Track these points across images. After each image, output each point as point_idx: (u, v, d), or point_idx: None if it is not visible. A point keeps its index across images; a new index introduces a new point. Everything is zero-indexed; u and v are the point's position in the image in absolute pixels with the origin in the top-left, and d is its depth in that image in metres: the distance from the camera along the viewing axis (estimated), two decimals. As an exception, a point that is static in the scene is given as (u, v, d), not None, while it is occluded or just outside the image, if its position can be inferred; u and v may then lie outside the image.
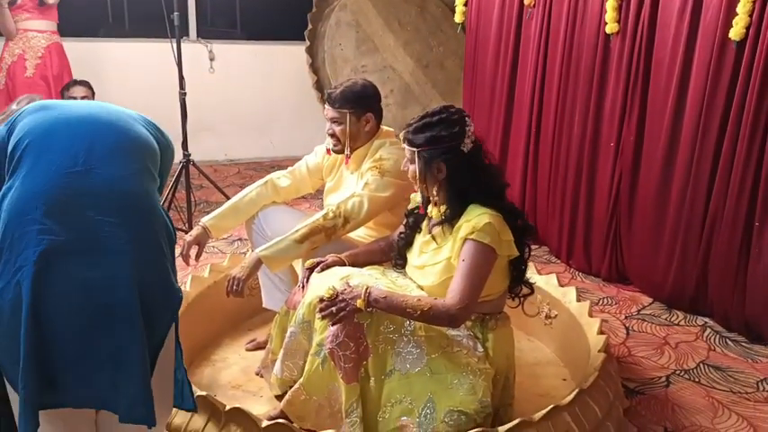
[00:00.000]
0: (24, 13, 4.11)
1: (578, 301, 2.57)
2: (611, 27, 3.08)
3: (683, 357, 2.65)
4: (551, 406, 1.82)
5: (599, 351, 2.14)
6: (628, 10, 3.03)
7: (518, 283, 2.03)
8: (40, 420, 1.24)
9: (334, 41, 5.49)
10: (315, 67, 5.52)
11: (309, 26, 5.47)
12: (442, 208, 1.96)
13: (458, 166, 1.91)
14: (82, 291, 1.24)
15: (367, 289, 1.81)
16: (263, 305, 2.53)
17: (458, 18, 4.15)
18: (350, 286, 1.85)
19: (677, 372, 2.54)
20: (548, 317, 2.65)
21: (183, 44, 4.33)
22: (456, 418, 1.79)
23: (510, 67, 3.77)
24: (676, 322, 2.95)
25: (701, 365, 2.59)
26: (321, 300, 1.84)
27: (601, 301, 3.15)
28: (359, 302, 1.79)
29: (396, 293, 1.83)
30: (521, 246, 1.97)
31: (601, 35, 3.17)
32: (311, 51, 5.52)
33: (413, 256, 2.05)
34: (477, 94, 4.07)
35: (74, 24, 4.71)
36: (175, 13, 3.46)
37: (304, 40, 5.47)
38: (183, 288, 2.49)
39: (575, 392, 1.89)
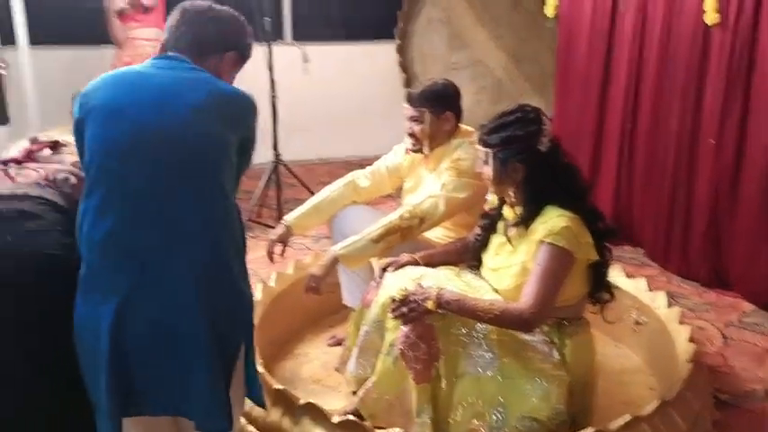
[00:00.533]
0: (132, 23, 4.38)
1: (669, 306, 2.45)
2: (711, 17, 2.90)
3: (786, 370, 2.46)
4: (631, 416, 1.75)
5: (687, 360, 2.03)
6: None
7: (599, 289, 1.96)
8: (123, 426, 1.37)
9: (424, 38, 5.50)
10: (405, 65, 5.55)
11: (400, 24, 5.50)
12: (518, 209, 1.93)
13: (536, 166, 1.87)
14: (152, 326, 1.35)
15: (439, 290, 1.81)
16: (343, 302, 2.58)
17: (549, 11, 4.03)
18: (422, 287, 1.86)
19: (779, 385, 2.37)
20: (636, 323, 2.54)
21: (278, 47, 4.48)
22: (528, 424, 1.77)
23: (603, 61, 3.63)
24: (782, 332, 2.75)
25: (807, 380, 2.40)
26: (393, 300, 1.86)
27: (698, 308, 2.98)
28: (430, 304, 1.79)
29: (467, 296, 1.82)
30: (601, 249, 1.91)
31: (700, 26, 2.99)
32: (402, 49, 5.54)
33: (488, 258, 2.02)
34: (569, 89, 3.95)
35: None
36: (266, 19, 3.59)
37: (394, 38, 5.51)
38: (267, 284, 2.60)
39: (656, 403, 1.81)
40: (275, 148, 3.87)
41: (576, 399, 1.94)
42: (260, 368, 1.97)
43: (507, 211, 1.97)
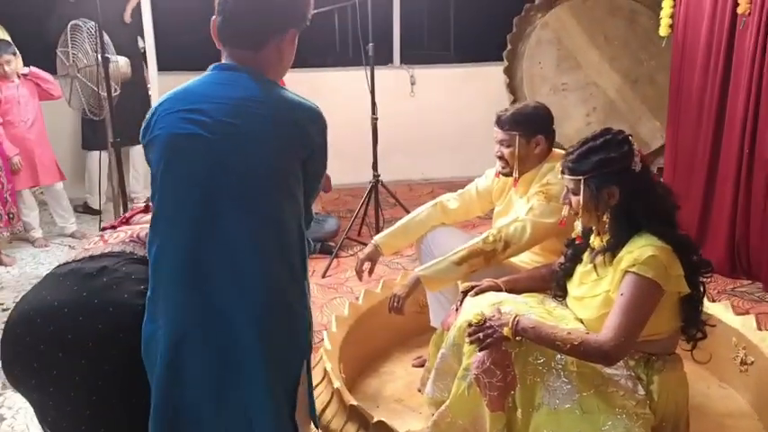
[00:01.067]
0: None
1: (780, 347, 2.25)
2: (840, 33, 2.66)
3: None
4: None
5: (794, 408, 1.86)
6: None
7: (691, 325, 1.84)
8: None
9: (533, 60, 5.42)
10: (513, 87, 5.49)
11: (509, 46, 5.47)
12: (605, 237, 1.86)
13: (631, 189, 1.79)
14: (208, 356, 1.38)
15: (515, 317, 1.78)
16: (430, 323, 2.58)
17: (663, 31, 3.86)
18: (500, 313, 1.83)
19: None
20: (743, 363, 2.35)
21: (386, 70, 4.57)
22: (606, 462, 1.68)
23: (720, 82, 3.42)
24: None
25: None
26: (469, 324, 1.84)
27: (821, 350, 2.70)
28: (506, 330, 1.76)
29: (546, 324, 1.77)
30: (695, 284, 1.80)
31: (829, 43, 2.76)
32: (509, 71, 5.50)
33: (573, 287, 1.96)
34: (682, 112, 3.74)
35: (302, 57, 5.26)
36: (370, 45, 3.71)
37: (502, 60, 5.48)
38: (355, 302, 2.66)
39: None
40: (375, 168, 3.96)
41: (666, 440, 1.83)
42: (337, 383, 2.03)
43: (595, 240, 1.90)
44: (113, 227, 1.82)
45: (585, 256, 1.94)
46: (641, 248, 1.73)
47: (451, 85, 5.62)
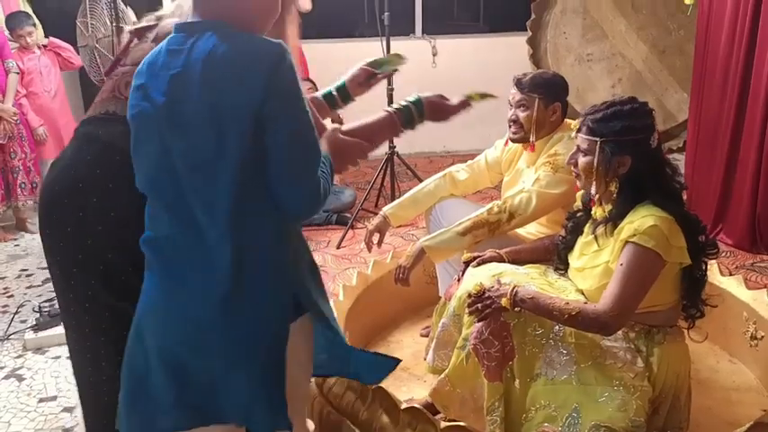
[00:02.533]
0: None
1: (791, 322, 2.21)
2: None
3: None
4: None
5: (800, 384, 1.84)
6: None
7: (691, 302, 1.82)
8: None
9: (558, 30, 5.32)
10: (536, 59, 5.41)
11: (533, 16, 5.36)
12: (608, 207, 1.84)
13: (643, 162, 1.77)
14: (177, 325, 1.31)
15: (513, 288, 1.78)
16: (439, 293, 2.60)
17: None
18: (499, 284, 1.83)
19: None
20: (753, 337, 2.32)
21: (407, 41, 4.49)
22: (602, 433, 1.69)
23: (746, 51, 3.32)
24: None
25: None
26: (468, 295, 1.85)
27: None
28: (504, 301, 1.77)
29: (544, 294, 1.77)
30: (698, 263, 1.78)
31: None
32: (533, 42, 5.41)
33: (573, 259, 1.95)
34: (706, 80, 3.65)
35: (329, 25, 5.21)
36: (386, 14, 3.67)
37: (526, 30, 5.39)
38: (363, 271, 2.68)
39: (750, 423, 1.65)
40: (390, 140, 3.95)
41: (665, 414, 1.82)
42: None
43: (596, 210, 1.88)
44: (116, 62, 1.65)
45: (587, 228, 1.93)
46: (642, 218, 1.71)
47: (474, 57, 5.55)
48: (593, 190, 1.84)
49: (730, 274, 2.62)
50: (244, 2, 1.27)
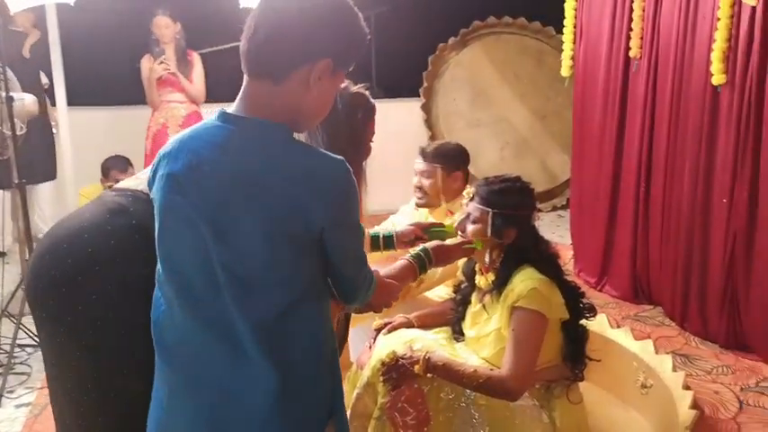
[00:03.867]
0: (167, 87, 4.62)
1: (674, 370, 2.40)
2: (717, 78, 2.92)
3: (803, 439, 2.37)
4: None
5: (686, 428, 1.99)
6: (735, 60, 2.86)
7: (575, 357, 1.94)
8: None
9: (448, 97, 5.63)
10: (430, 123, 5.67)
11: (425, 84, 5.65)
12: (490, 276, 1.96)
13: (525, 235, 1.92)
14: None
15: (426, 355, 1.84)
16: (350, 359, 2.61)
17: (564, 72, 4.10)
18: (411, 351, 1.89)
19: (794, 455, 2.28)
20: (643, 386, 2.50)
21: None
22: (515, 491, 1.75)
23: (618, 121, 3.66)
24: (801, 398, 2.65)
25: (825, 450, 2.31)
26: (383, 364, 1.89)
27: (715, 370, 2.90)
28: (417, 368, 1.82)
29: (455, 361, 1.84)
30: (577, 324, 1.92)
31: (708, 87, 3.01)
32: (426, 108, 5.68)
33: (467, 328, 2.05)
34: (585, 147, 3.98)
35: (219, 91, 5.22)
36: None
37: (419, 96, 5.65)
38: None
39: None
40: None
41: (570, 465, 1.92)
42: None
43: (480, 280, 2.00)
44: None
45: (473, 298, 2.04)
46: (522, 283, 1.84)
47: (373, 120, 5.73)
48: (485, 258, 1.96)
49: (618, 326, 2.82)
50: (306, 103, 1.19)
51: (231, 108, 1.19)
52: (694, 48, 3.09)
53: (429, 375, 1.83)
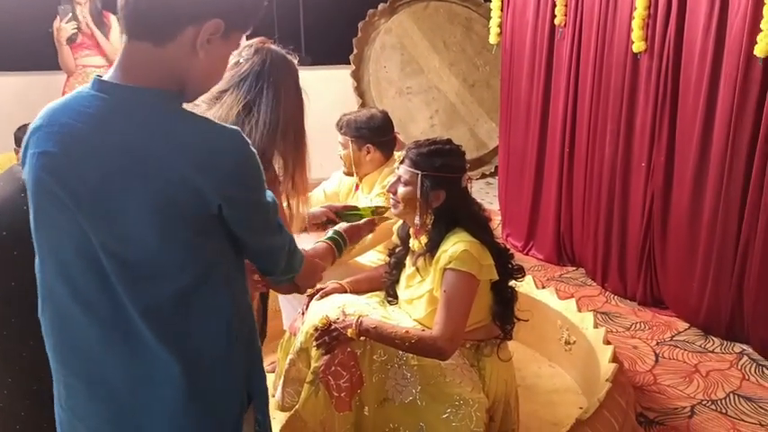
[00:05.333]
0: (84, 50, 4.39)
1: (596, 327, 2.51)
2: (637, 46, 3.02)
3: (712, 387, 2.54)
4: (546, 437, 1.80)
5: (606, 380, 2.09)
6: (654, 28, 2.96)
7: (503, 317, 1.99)
8: None
9: (378, 64, 5.59)
10: (360, 91, 5.63)
11: (355, 51, 5.59)
12: (423, 239, 1.98)
13: (455, 198, 1.94)
14: None
15: (359, 318, 1.85)
16: (284, 327, 2.59)
17: (492, 39, 4.15)
18: (344, 315, 1.90)
19: (704, 402, 2.44)
20: (567, 342, 2.61)
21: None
22: (447, 448, 1.80)
23: (543, 87, 3.74)
24: (711, 349, 2.83)
25: (731, 396, 2.48)
26: (316, 329, 1.89)
27: (633, 326, 3.06)
28: (350, 332, 1.83)
29: (386, 324, 1.86)
30: (506, 285, 1.97)
31: (629, 54, 3.11)
32: (357, 75, 5.63)
33: (401, 291, 2.08)
34: (512, 113, 4.05)
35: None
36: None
37: (350, 64, 5.59)
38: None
39: (571, 424, 1.86)
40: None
41: (499, 420, 1.98)
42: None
43: (414, 243, 2.02)
44: None
45: (408, 261, 2.06)
46: (454, 245, 1.87)
47: (304, 88, 5.64)
48: (416, 220, 1.97)
49: (543, 287, 2.92)
50: (193, 69, 1.06)
51: (108, 74, 1.06)
52: (616, 16, 3.17)
53: (362, 339, 1.84)
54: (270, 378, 2.48)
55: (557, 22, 3.56)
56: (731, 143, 2.66)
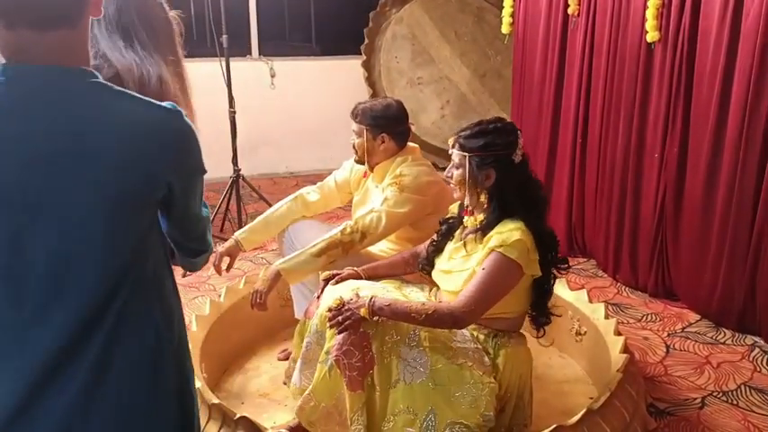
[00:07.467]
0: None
1: (607, 317, 2.51)
2: (652, 35, 3.00)
3: (723, 378, 2.54)
4: (556, 425, 1.80)
5: (617, 371, 2.09)
6: (668, 18, 2.94)
7: (539, 311, 2.01)
8: None
9: (389, 54, 5.59)
10: (371, 81, 5.62)
11: (366, 41, 5.58)
12: (479, 217, 1.99)
13: (506, 176, 1.94)
14: None
15: (372, 298, 1.86)
16: (295, 316, 2.61)
17: (505, 29, 4.13)
18: (358, 296, 1.91)
19: (715, 393, 2.43)
20: (578, 333, 2.61)
21: (244, 62, 4.44)
22: (457, 430, 1.81)
23: (556, 77, 3.73)
24: (722, 341, 2.82)
25: (743, 387, 2.47)
26: (329, 309, 1.90)
27: (645, 318, 3.06)
28: (363, 311, 1.84)
29: (400, 300, 1.88)
30: (548, 276, 1.98)
31: (643, 44, 3.09)
32: (368, 65, 5.63)
33: (441, 262, 2.08)
34: (524, 103, 4.04)
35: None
36: (224, 36, 3.65)
37: (361, 54, 5.59)
38: (216, 299, 2.63)
39: (582, 413, 1.86)
40: (234, 162, 3.92)
41: (511, 412, 1.99)
42: (198, 383, 2.01)
43: (468, 219, 2.03)
44: None
45: (457, 234, 2.07)
46: (510, 231, 1.87)
47: (313, 78, 5.65)
48: (467, 201, 2.00)
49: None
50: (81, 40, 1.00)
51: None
52: (630, 5, 3.15)
53: (375, 319, 1.85)
54: (282, 366, 2.53)
55: (570, 11, 3.54)
56: (745, 134, 2.65)
